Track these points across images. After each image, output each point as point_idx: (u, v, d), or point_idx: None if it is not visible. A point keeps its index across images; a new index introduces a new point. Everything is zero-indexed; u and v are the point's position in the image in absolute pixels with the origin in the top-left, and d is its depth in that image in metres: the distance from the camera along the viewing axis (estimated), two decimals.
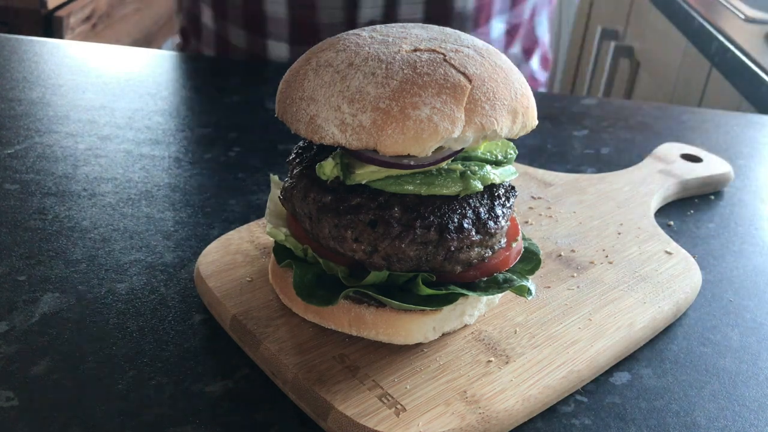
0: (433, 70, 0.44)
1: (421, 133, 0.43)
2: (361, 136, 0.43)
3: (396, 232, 0.46)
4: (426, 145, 0.43)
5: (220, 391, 0.49)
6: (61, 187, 0.71)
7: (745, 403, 0.51)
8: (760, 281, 0.64)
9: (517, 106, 0.47)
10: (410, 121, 0.43)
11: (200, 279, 0.56)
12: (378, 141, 0.43)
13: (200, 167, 0.76)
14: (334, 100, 0.44)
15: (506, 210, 0.51)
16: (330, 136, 0.44)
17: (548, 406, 0.49)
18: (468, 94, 0.44)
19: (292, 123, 0.47)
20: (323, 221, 0.47)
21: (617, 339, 0.53)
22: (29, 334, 0.52)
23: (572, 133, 0.91)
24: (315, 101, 0.45)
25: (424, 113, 0.43)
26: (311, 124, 0.45)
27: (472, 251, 0.48)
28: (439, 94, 0.43)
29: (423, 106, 0.43)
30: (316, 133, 0.45)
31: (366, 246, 0.47)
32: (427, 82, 0.44)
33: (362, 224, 0.46)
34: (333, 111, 0.44)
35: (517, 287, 0.51)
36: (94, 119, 0.85)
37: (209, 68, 1.05)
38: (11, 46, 1.05)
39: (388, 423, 0.44)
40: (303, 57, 0.50)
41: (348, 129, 0.44)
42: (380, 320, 0.49)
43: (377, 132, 0.43)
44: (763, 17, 1.58)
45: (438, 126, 0.43)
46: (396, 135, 0.43)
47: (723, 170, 0.79)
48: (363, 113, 0.43)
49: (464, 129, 0.44)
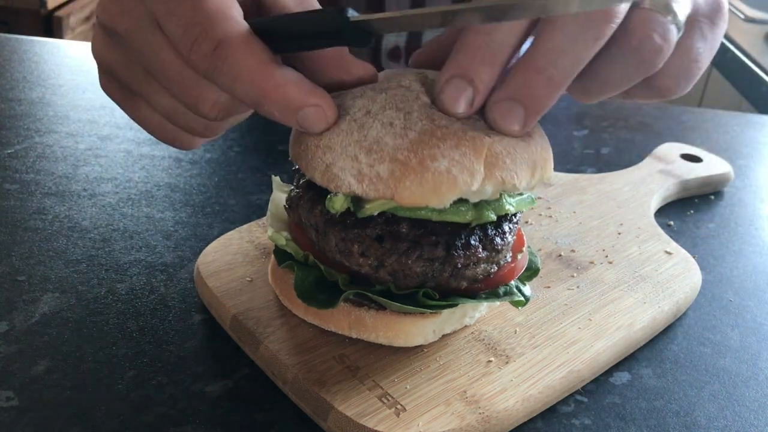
0: (452, 123, 0.43)
1: (440, 185, 0.42)
2: (378, 187, 0.43)
3: (403, 248, 0.46)
4: (444, 198, 0.43)
5: (220, 391, 0.49)
6: (61, 187, 0.71)
7: (745, 403, 0.51)
8: (760, 281, 0.64)
9: (537, 159, 0.46)
10: (429, 173, 0.42)
11: (200, 279, 0.56)
12: (395, 192, 0.42)
13: (200, 167, 0.76)
14: (351, 150, 0.43)
15: (513, 226, 0.50)
16: (346, 186, 0.43)
17: (548, 406, 0.49)
18: (488, 146, 0.43)
19: (307, 170, 0.46)
20: (330, 234, 0.47)
21: (617, 339, 0.53)
22: (29, 334, 0.52)
23: (572, 133, 0.91)
24: (331, 150, 0.44)
25: (443, 165, 0.42)
26: (327, 172, 0.44)
27: (478, 268, 0.48)
28: (458, 146, 0.43)
29: (442, 158, 0.42)
30: (332, 182, 0.44)
31: (372, 261, 0.47)
32: (446, 134, 0.43)
33: (369, 239, 0.46)
34: (350, 161, 0.43)
35: (515, 301, 0.51)
36: (94, 119, 0.85)
37: None
38: (11, 46, 1.05)
39: (388, 423, 0.44)
40: None
41: (365, 179, 0.43)
42: (380, 323, 0.49)
43: (395, 183, 0.42)
44: (763, 17, 1.58)
45: (457, 179, 0.42)
46: (414, 187, 0.42)
47: (723, 170, 0.79)
48: (381, 164, 0.42)
49: (483, 182, 0.43)
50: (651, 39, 0.41)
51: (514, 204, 0.49)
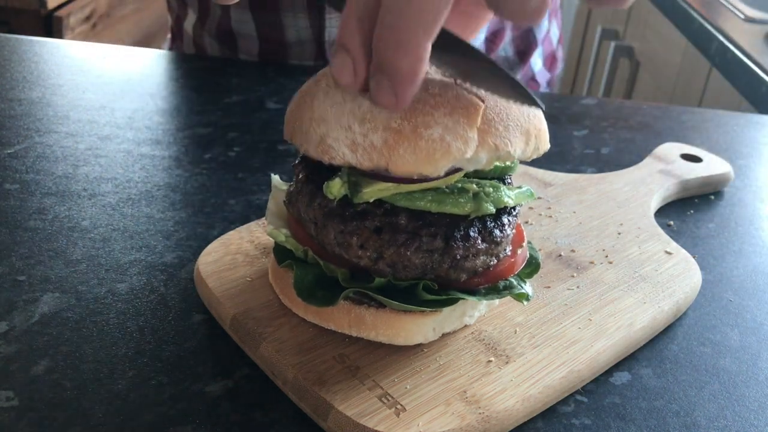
0: (445, 91, 0.43)
1: (433, 153, 0.42)
2: (373, 156, 0.43)
3: (402, 239, 0.46)
4: (438, 165, 0.42)
5: (220, 391, 0.49)
6: (61, 187, 0.71)
7: (745, 403, 0.51)
8: (760, 281, 0.64)
9: (530, 128, 0.46)
10: (422, 140, 0.42)
11: (200, 279, 0.56)
12: (389, 161, 0.42)
13: (200, 167, 0.76)
14: (344, 120, 0.43)
15: (512, 218, 0.50)
16: (341, 157, 0.43)
17: (548, 406, 0.49)
18: (481, 113, 0.43)
19: (302, 143, 0.46)
20: (329, 227, 0.47)
21: (617, 339, 0.53)
22: (29, 334, 0.52)
23: (572, 133, 0.91)
24: (325, 121, 0.44)
25: (437, 133, 0.42)
26: (321, 144, 0.44)
27: (477, 259, 0.48)
28: (451, 114, 0.43)
29: (435, 126, 0.42)
30: (327, 153, 0.44)
31: (371, 253, 0.47)
32: (439, 102, 0.43)
33: (368, 231, 0.46)
34: (344, 131, 0.43)
35: (516, 294, 0.51)
36: (94, 119, 0.85)
37: (209, 68, 1.05)
38: (11, 46, 1.05)
39: (388, 423, 0.44)
40: (312, 79, 0.49)
41: (359, 149, 0.43)
42: (380, 321, 0.49)
43: (389, 152, 0.42)
44: (763, 17, 1.58)
45: (451, 146, 0.42)
46: (408, 155, 0.42)
47: (723, 170, 0.79)
48: (374, 133, 0.42)
49: (477, 149, 0.43)
50: None
51: (513, 196, 0.49)
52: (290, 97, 0.50)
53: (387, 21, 0.38)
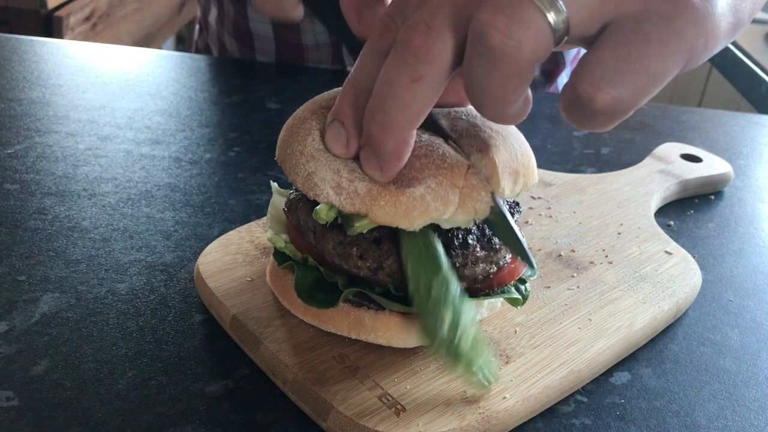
0: (431, 151, 0.45)
1: (412, 209, 0.43)
2: (355, 202, 0.44)
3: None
4: (415, 222, 0.44)
5: (220, 391, 0.49)
6: (61, 187, 0.71)
7: (745, 403, 0.51)
8: (760, 281, 0.64)
9: (518, 167, 0.47)
10: (404, 196, 0.43)
11: (200, 279, 0.56)
12: (370, 209, 0.44)
13: (200, 167, 0.76)
14: (335, 165, 0.45)
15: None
16: (325, 196, 0.45)
17: (548, 406, 0.49)
18: (464, 176, 0.44)
19: (290, 173, 0.48)
20: (328, 237, 0.47)
21: (617, 339, 0.53)
22: (29, 334, 0.52)
23: (572, 133, 0.91)
24: (316, 160, 0.46)
25: (418, 192, 0.43)
26: (308, 180, 0.46)
27: (477, 267, 0.48)
28: (435, 175, 0.44)
29: (418, 185, 0.44)
30: (312, 190, 0.46)
31: (371, 263, 0.47)
32: (425, 164, 0.44)
33: (367, 241, 0.46)
34: (332, 173, 0.45)
35: (511, 299, 0.51)
36: (94, 119, 0.85)
37: (209, 68, 1.05)
38: (11, 46, 1.05)
39: (388, 423, 0.44)
40: (309, 107, 0.50)
41: (343, 192, 0.44)
42: (379, 323, 0.49)
43: (370, 201, 0.44)
44: (763, 17, 1.58)
45: (430, 206, 0.44)
46: (388, 207, 0.43)
47: (723, 170, 0.79)
48: (360, 182, 0.44)
49: (456, 212, 0.44)
50: (485, 34, 0.35)
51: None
52: (290, 98, 0.50)
53: (377, 103, 0.40)
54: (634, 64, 0.35)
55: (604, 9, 0.36)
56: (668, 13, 0.36)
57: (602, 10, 0.36)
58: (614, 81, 0.35)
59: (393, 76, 0.39)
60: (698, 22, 0.36)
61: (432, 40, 0.37)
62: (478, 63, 0.36)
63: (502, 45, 0.35)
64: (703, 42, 0.36)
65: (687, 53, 0.36)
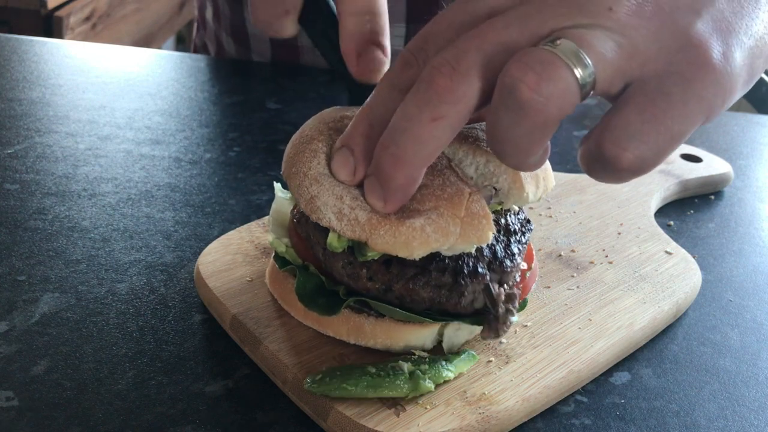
0: (432, 180, 0.45)
1: (411, 240, 0.43)
2: (355, 229, 0.44)
3: (410, 273, 0.46)
4: (414, 252, 0.44)
5: (220, 391, 0.49)
6: (61, 187, 0.71)
7: (745, 403, 0.51)
8: (760, 281, 0.64)
9: (538, 172, 0.48)
10: (404, 227, 0.43)
11: (200, 279, 0.56)
12: (369, 237, 0.44)
13: (200, 167, 0.76)
14: (338, 191, 0.45)
15: (522, 246, 0.50)
16: (327, 220, 0.45)
17: (548, 406, 0.49)
18: (465, 206, 0.44)
19: (294, 192, 0.48)
20: (337, 256, 0.47)
21: (617, 339, 0.53)
22: (29, 334, 0.52)
23: (572, 133, 0.91)
24: (319, 184, 0.45)
25: (418, 223, 0.43)
26: (311, 203, 0.46)
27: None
28: (436, 207, 0.44)
29: (418, 216, 0.44)
30: (314, 213, 0.46)
31: (380, 285, 0.47)
32: (425, 194, 0.44)
33: (377, 263, 0.47)
34: (334, 199, 0.45)
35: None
36: (94, 119, 0.85)
37: (209, 68, 1.05)
38: (11, 46, 1.05)
39: (388, 423, 0.44)
40: (316, 125, 0.49)
41: (344, 219, 0.44)
42: (379, 330, 0.49)
43: (370, 229, 0.44)
44: None
45: (430, 237, 0.44)
46: (387, 236, 0.43)
47: (723, 170, 0.79)
48: (362, 210, 0.44)
49: (456, 242, 0.44)
50: (515, 88, 0.36)
51: (453, 368, 0.48)
52: (290, 98, 0.50)
53: (392, 136, 0.40)
54: (659, 126, 0.37)
55: (630, 68, 0.38)
56: (691, 75, 0.37)
57: (627, 69, 0.38)
58: (639, 141, 0.37)
59: (413, 113, 0.39)
60: (718, 83, 0.37)
61: (456, 83, 0.38)
62: (505, 114, 0.37)
63: (530, 100, 0.36)
64: (721, 101, 0.38)
65: (707, 112, 0.38)
